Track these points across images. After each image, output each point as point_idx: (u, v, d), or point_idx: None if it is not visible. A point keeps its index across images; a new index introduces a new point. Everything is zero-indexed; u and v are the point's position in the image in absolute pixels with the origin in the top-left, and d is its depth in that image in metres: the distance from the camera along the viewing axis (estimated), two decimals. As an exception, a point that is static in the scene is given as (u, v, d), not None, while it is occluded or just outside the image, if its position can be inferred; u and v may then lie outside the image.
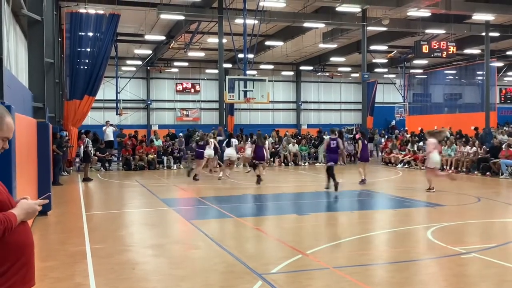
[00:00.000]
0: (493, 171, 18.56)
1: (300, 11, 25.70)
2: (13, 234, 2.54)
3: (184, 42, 30.34)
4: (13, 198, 2.70)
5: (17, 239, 2.57)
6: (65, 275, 6.28)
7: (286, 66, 42.36)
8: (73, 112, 20.46)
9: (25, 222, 2.67)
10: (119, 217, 11.04)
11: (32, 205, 2.67)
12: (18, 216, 2.57)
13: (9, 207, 2.59)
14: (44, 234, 8.95)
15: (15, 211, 2.58)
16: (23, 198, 2.72)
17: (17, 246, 2.58)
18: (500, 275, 6.18)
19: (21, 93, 10.75)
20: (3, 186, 2.67)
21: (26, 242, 2.65)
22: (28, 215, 2.65)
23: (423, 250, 7.66)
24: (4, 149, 2.70)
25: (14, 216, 2.55)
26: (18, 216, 2.57)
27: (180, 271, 6.44)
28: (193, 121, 40.25)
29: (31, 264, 2.68)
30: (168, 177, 20.39)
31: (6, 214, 2.51)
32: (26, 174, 8.70)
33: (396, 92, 41.80)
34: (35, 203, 2.69)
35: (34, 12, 12.47)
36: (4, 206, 2.57)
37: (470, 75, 36.81)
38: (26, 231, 2.68)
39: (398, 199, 13.06)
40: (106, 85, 35.11)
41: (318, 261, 6.76)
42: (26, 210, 2.63)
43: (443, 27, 27.51)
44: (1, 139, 2.66)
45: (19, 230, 2.59)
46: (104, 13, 20.84)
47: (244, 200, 13.57)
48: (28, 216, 2.66)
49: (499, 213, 11.16)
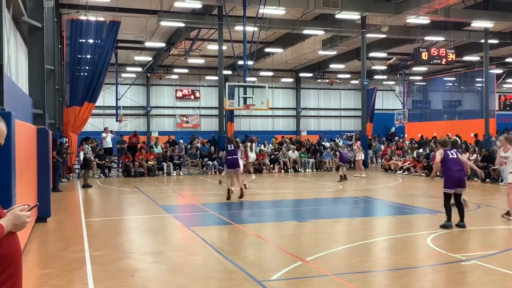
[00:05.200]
0: (493, 177, 18.56)
1: (300, 18, 25.80)
2: (0, 246, 2.45)
3: (184, 49, 30.42)
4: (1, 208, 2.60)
5: (4, 251, 2.48)
6: (64, 282, 6.27)
7: (285, 73, 42.45)
8: (73, 119, 20.47)
9: (13, 233, 2.56)
10: (119, 224, 11.02)
11: (22, 216, 2.54)
12: (5, 227, 2.47)
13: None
14: (43, 241, 8.93)
15: (3, 221, 2.48)
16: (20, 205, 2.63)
17: (4, 257, 2.49)
18: (500, 282, 6.17)
19: (21, 100, 10.76)
20: None
21: (14, 254, 2.55)
22: (16, 227, 2.53)
23: (423, 257, 7.64)
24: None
25: (1, 226, 2.45)
26: (6, 227, 2.47)
27: (180, 278, 6.42)
28: (193, 127, 40.27)
29: (18, 275, 2.58)
30: (168, 183, 20.36)
31: None
32: (26, 181, 8.69)
33: (396, 99, 41.86)
34: (24, 215, 2.56)
35: (34, 19, 12.51)
36: None
37: (470, 82, 36.89)
38: (14, 242, 2.58)
39: (398, 206, 13.04)
40: (106, 91, 35.14)
41: (318, 268, 6.75)
42: (14, 221, 2.52)
43: (442, 34, 27.61)
44: None
45: (6, 241, 2.49)
46: (104, 20, 20.91)
47: (244, 207, 13.54)
48: (17, 228, 2.54)
49: (499, 220, 11.13)
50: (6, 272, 2.49)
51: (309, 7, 22.28)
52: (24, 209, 2.60)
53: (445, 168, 9.64)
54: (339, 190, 17.07)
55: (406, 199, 14.28)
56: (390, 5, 23.23)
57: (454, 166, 9.60)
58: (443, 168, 9.71)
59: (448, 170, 9.53)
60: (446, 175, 9.64)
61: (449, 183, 9.50)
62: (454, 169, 9.54)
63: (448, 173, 9.54)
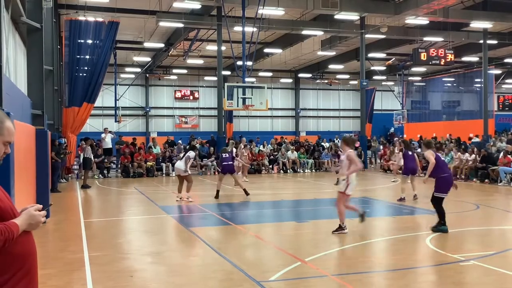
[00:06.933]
0: (492, 178, 18.58)
1: (299, 18, 25.81)
2: (16, 244, 2.50)
3: (183, 49, 30.42)
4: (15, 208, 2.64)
5: (19, 249, 2.54)
6: (63, 282, 6.26)
7: (284, 73, 42.46)
8: (71, 119, 20.45)
9: (28, 231, 2.62)
10: (118, 225, 11.01)
11: (36, 216, 2.61)
12: (20, 226, 2.52)
13: (12, 216, 2.55)
14: (42, 242, 8.92)
15: (18, 221, 2.53)
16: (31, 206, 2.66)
17: (19, 255, 2.55)
18: (499, 282, 6.18)
19: (20, 100, 10.76)
20: (5, 194, 2.62)
21: (29, 252, 2.61)
22: (30, 226, 2.59)
23: (422, 257, 7.65)
24: (6, 154, 2.66)
25: (16, 226, 2.50)
26: (21, 226, 2.52)
27: (179, 279, 6.42)
28: (192, 128, 40.25)
29: (33, 273, 2.64)
30: (167, 184, 20.35)
31: (7, 224, 2.46)
32: (25, 181, 8.68)
33: (395, 100, 41.89)
34: (39, 214, 2.63)
35: (33, 20, 12.51)
36: (6, 215, 2.52)
37: (468, 83, 36.91)
38: (29, 240, 2.64)
39: (397, 206, 13.05)
40: (105, 92, 35.15)
41: (317, 268, 6.75)
42: (29, 221, 2.58)
43: (441, 35, 27.64)
44: (2, 143, 2.63)
45: (21, 240, 2.55)
46: (103, 20, 20.90)
47: (243, 208, 13.54)
48: (31, 227, 2.60)
49: (498, 220, 11.16)
50: (22, 269, 2.56)
51: (308, 8, 22.29)
52: (38, 208, 2.67)
53: (438, 171, 9.15)
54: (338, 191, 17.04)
55: (405, 200, 14.27)
56: (389, 5, 23.25)
57: (447, 169, 9.43)
58: (436, 171, 9.20)
59: (442, 174, 9.14)
60: (441, 178, 9.15)
61: (444, 187, 9.10)
62: (448, 173, 9.30)
63: (443, 177, 9.12)
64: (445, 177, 9.18)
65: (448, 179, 9.22)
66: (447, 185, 9.16)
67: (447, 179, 9.20)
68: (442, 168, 9.21)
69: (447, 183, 9.15)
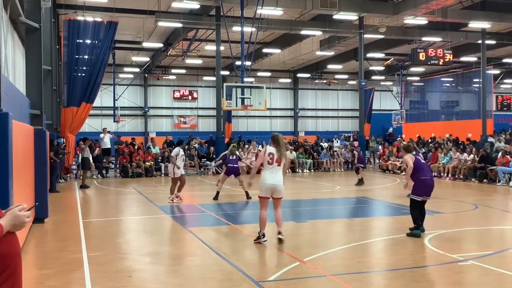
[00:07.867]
0: (490, 178, 18.60)
1: (298, 18, 25.82)
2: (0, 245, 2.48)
3: (182, 49, 30.41)
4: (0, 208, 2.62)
5: (4, 250, 2.51)
6: (62, 283, 6.26)
7: (283, 73, 42.48)
8: (70, 119, 20.43)
9: (12, 232, 2.58)
10: (116, 225, 11.00)
11: (21, 217, 2.56)
12: (4, 227, 2.48)
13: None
14: (40, 242, 8.92)
15: (2, 221, 2.50)
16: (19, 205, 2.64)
17: (4, 256, 2.51)
18: (497, 282, 6.19)
19: (18, 100, 10.75)
20: None
21: (13, 253, 2.57)
22: (15, 227, 2.55)
23: (420, 257, 7.65)
24: None
25: (0, 226, 2.47)
26: (5, 227, 2.49)
27: (178, 279, 6.42)
28: (191, 128, 40.26)
29: (18, 274, 2.60)
30: (166, 184, 20.32)
31: None
32: (23, 182, 8.67)
33: (393, 100, 41.92)
34: (24, 215, 2.58)
35: (32, 20, 12.51)
36: None
37: (467, 83, 36.94)
38: (13, 241, 2.60)
39: (395, 206, 13.06)
40: (104, 92, 35.14)
41: (316, 268, 6.75)
42: (13, 221, 2.53)
43: (440, 35, 27.67)
44: None
45: (5, 241, 2.51)
46: (102, 20, 20.88)
47: (242, 208, 13.54)
48: (16, 227, 2.56)
49: (496, 220, 11.17)
50: (7, 270, 2.53)
51: (307, 8, 22.29)
52: (23, 209, 2.62)
53: (418, 174, 8.80)
54: (336, 191, 17.09)
55: (404, 200, 14.27)
56: (388, 5, 23.27)
57: (428, 172, 9.13)
58: (416, 174, 8.80)
59: (422, 176, 8.81)
60: (419, 181, 8.76)
61: (421, 190, 8.75)
62: (428, 176, 8.99)
63: (422, 180, 8.78)
64: (424, 180, 8.81)
65: (428, 182, 8.86)
66: (424, 188, 8.79)
67: (426, 182, 8.84)
68: (421, 171, 8.88)
69: (425, 186, 8.79)
